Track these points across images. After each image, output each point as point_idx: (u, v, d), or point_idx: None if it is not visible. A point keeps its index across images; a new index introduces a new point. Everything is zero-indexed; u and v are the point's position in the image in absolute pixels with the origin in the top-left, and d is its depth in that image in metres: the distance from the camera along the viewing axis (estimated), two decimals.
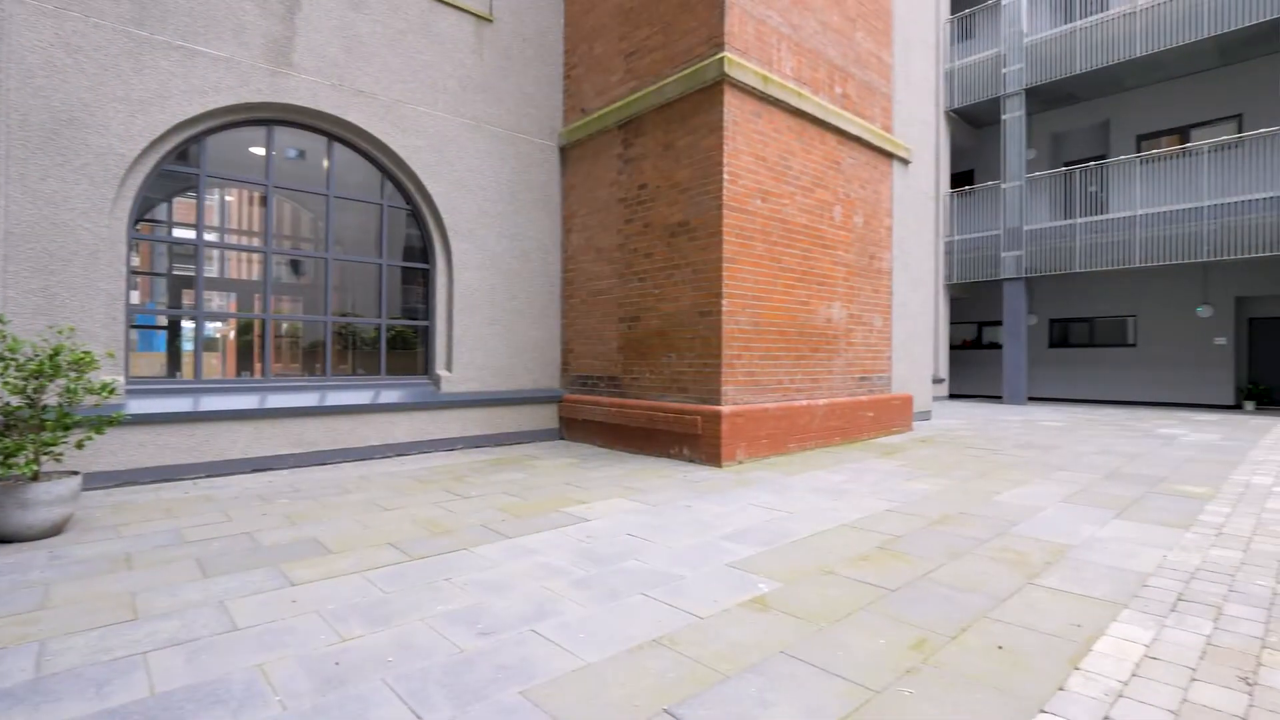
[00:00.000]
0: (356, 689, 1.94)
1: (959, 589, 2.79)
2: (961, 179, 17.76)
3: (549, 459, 6.31)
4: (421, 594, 2.72)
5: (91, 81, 4.85)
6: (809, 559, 3.21)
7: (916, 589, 2.79)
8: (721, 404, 5.88)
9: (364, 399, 6.27)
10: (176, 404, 5.24)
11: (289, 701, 1.86)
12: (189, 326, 5.84)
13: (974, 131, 17.01)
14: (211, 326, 13.68)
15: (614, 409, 6.90)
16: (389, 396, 6.45)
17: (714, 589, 2.79)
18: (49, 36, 4.68)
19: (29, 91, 4.60)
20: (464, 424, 6.92)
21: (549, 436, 7.68)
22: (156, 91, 5.13)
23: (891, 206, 8.48)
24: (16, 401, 3.77)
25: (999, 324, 17.06)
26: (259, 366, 6.26)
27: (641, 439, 6.61)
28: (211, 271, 11.52)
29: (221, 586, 2.80)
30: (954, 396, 17.58)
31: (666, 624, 2.42)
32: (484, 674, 2.03)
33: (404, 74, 6.55)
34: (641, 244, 6.77)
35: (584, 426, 7.39)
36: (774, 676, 2.02)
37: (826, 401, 7.08)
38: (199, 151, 5.58)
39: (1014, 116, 14.51)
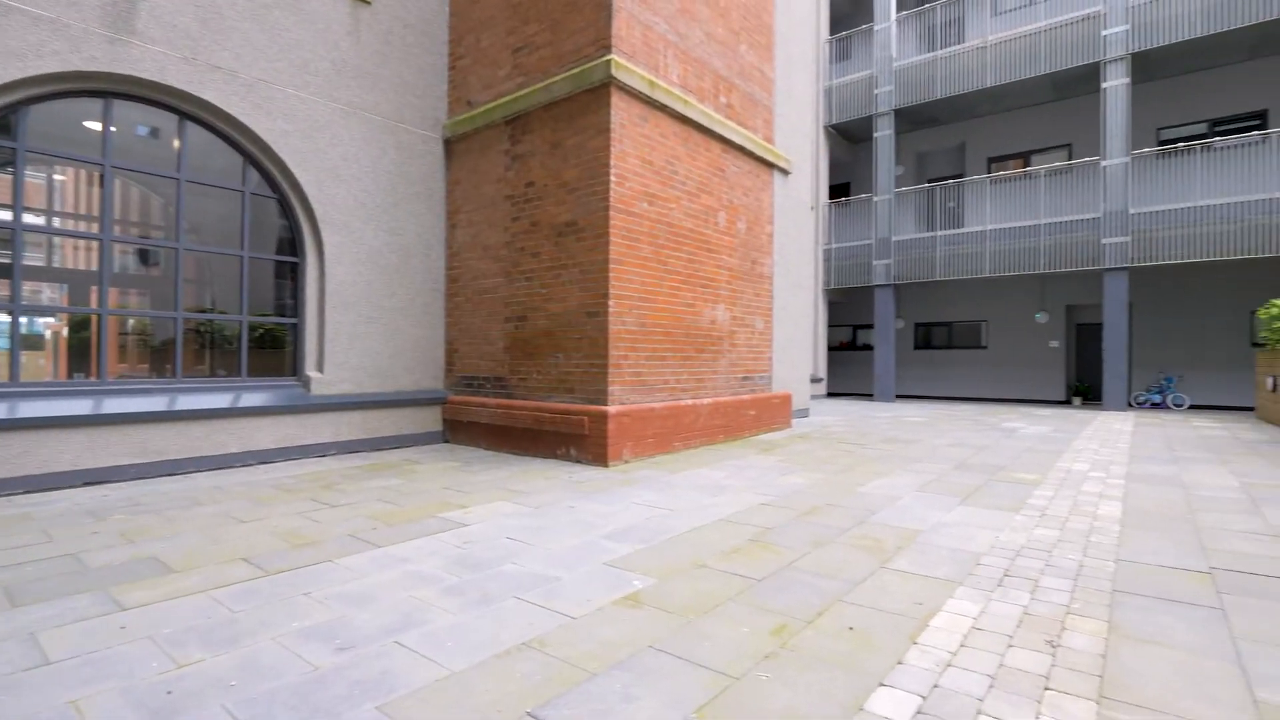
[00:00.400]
0: (191, 718, 1.77)
1: (820, 575, 2.96)
2: (839, 190, 18.95)
3: (430, 463, 6.08)
4: (275, 611, 2.53)
5: None
6: (684, 554, 3.29)
7: (781, 578, 2.93)
8: (608, 404, 5.91)
9: (222, 402, 5.76)
10: None
11: None
12: (5, 321, 5.14)
13: (850, 147, 18.20)
14: (41, 323, 12.07)
15: (500, 410, 6.76)
16: (251, 400, 5.97)
17: (590, 588, 2.80)
18: None
19: None
20: (337, 428, 6.53)
21: (432, 440, 7.40)
22: None
23: (773, 214, 8.89)
24: None
25: (872, 327, 18.37)
26: (95, 367, 5.61)
27: (528, 440, 6.52)
28: (38, 260, 10.16)
29: (33, 616, 2.47)
30: (832, 395, 18.71)
31: (539, 626, 2.40)
32: (338, 691, 1.92)
33: (269, 51, 6.08)
34: (529, 243, 6.68)
35: (469, 429, 7.19)
36: (640, 671, 2.05)
37: (711, 401, 7.31)
38: (18, 122, 4.91)
39: (884, 135, 15.67)
